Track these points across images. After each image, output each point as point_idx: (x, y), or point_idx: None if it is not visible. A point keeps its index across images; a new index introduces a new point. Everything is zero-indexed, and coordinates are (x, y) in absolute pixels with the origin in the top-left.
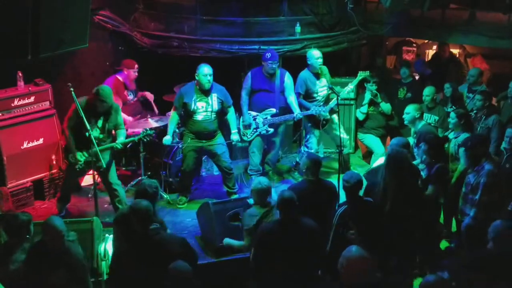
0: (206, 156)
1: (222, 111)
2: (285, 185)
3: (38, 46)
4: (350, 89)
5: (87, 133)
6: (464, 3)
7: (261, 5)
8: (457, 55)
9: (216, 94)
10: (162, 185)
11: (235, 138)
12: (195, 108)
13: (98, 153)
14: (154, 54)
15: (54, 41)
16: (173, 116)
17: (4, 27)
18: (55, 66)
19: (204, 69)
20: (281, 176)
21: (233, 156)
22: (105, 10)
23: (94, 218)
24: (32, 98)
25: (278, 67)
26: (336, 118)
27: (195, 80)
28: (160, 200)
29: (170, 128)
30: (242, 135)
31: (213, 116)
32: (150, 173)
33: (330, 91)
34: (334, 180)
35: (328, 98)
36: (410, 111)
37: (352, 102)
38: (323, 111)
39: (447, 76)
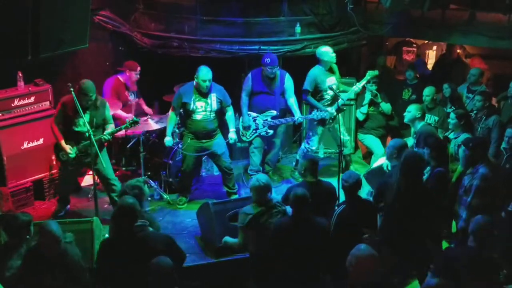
0: (206, 156)
1: (221, 111)
2: (285, 185)
3: (38, 46)
4: (358, 89)
5: (87, 133)
6: (464, 4)
7: (261, 5)
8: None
9: (215, 94)
10: (162, 185)
11: (233, 137)
12: (194, 107)
13: (95, 143)
14: (154, 54)
15: (54, 41)
16: (171, 116)
17: (4, 27)
18: (55, 66)
19: (203, 74)
20: (281, 176)
21: (233, 156)
22: (105, 10)
23: (94, 218)
24: (32, 98)
25: (278, 69)
26: (340, 117)
27: (194, 80)
28: (160, 200)
29: (169, 128)
30: (241, 136)
31: (212, 115)
32: (150, 173)
33: (337, 90)
34: (334, 180)
35: (335, 97)
36: (412, 110)
37: (352, 103)
38: (325, 116)
39: (453, 77)
